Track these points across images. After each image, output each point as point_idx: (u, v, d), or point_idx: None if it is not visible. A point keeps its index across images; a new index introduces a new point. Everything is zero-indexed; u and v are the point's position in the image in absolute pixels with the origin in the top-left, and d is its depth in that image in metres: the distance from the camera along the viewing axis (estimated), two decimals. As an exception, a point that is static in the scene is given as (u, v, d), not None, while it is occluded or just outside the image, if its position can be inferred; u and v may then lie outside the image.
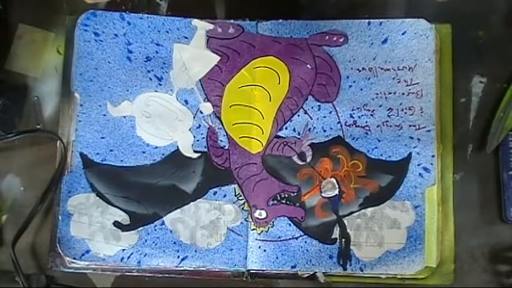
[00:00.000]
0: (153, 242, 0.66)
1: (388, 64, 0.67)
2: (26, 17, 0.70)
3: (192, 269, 0.66)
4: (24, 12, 0.71)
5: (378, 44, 0.67)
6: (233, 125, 0.67)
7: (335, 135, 0.66)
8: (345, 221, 0.65)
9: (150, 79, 0.68)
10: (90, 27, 0.68)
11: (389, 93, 0.67)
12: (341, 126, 0.66)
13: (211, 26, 0.68)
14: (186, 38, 0.68)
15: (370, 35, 0.67)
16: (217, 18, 0.70)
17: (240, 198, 0.66)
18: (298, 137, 0.67)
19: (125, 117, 0.68)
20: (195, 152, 0.67)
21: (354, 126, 0.66)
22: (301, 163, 0.66)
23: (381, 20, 0.67)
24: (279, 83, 0.67)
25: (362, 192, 0.65)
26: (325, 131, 0.67)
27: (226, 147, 0.67)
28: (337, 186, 0.65)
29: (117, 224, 0.66)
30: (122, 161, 0.67)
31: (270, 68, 0.67)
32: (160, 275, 0.66)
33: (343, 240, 0.65)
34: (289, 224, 0.65)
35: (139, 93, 0.68)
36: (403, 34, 0.67)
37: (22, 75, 0.70)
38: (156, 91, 0.68)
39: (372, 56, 0.67)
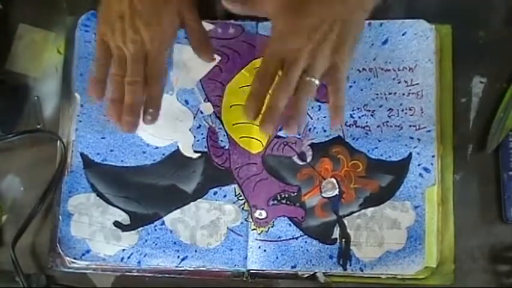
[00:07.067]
0: (153, 242, 0.66)
1: (389, 65, 0.67)
2: (26, 17, 0.71)
3: (192, 269, 0.66)
4: (25, 12, 0.71)
5: (378, 45, 0.67)
6: (233, 125, 0.67)
7: (335, 135, 0.66)
8: (345, 221, 0.65)
9: (151, 79, 0.68)
10: (91, 27, 0.68)
11: (390, 93, 0.67)
12: (341, 126, 0.66)
13: (211, 26, 0.69)
14: (186, 38, 0.68)
15: (371, 35, 0.67)
16: (217, 18, 0.70)
17: (240, 198, 0.66)
18: (299, 137, 0.67)
19: (125, 117, 0.68)
20: (195, 152, 0.67)
21: (354, 126, 0.66)
22: (301, 163, 0.66)
23: (381, 21, 0.67)
24: (279, 83, 0.67)
25: (362, 192, 0.65)
26: (325, 131, 0.67)
27: (227, 147, 0.67)
28: (337, 186, 0.65)
29: (117, 224, 0.66)
30: (122, 161, 0.67)
31: (270, 68, 0.67)
32: (160, 275, 0.66)
33: (343, 240, 0.65)
34: (289, 224, 0.65)
35: (139, 94, 0.68)
36: (403, 35, 0.67)
37: (22, 75, 0.70)
38: (156, 91, 0.68)
39: (372, 57, 0.67)
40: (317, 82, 0.56)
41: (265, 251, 0.65)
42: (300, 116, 0.57)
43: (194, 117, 0.68)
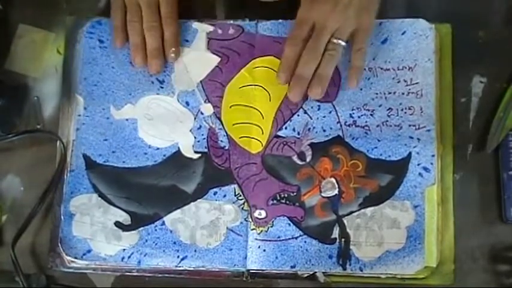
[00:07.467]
0: (154, 242, 0.66)
1: (388, 64, 0.67)
2: (26, 17, 0.71)
3: (192, 268, 0.66)
4: (24, 12, 0.71)
5: (378, 44, 0.67)
6: (233, 125, 0.68)
7: (335, 135, 0.66)
8: (345, 221, 0.65)
9: (152, 82, 0.68)
10: (95, 34, 0.69)
11: (389, 93, 0.67)
12: (341, 126, 0.66)
13: (211, 28, 0.69)
14: (187, 41, 0.69)
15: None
16: (217, 18, 0.70)
17: (239, 198, 0.66)
18: (298, 136, 0.67)
19: (127, 119, 0.68)
20: (196, 152, 0.67)
21: (353, 126, 0.66)
22: (301, 163, 0.66)
23: (381, 20, 0.67)
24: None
25: (362, 192, 0.65)
26: (324, 130, 0.67)
27: (227, 148, 0.67)
28: (336, 186, 0.65)
29: (118, 224, 0.66)
30: (124, 162, 0.67)
31: (270, 68, 0.67)
32: (160, 275, 0.66)
33: (343, 240, 0.65)
34: (289, 224, 0.65)
35: (142, 97, 0.68)
36: (402, 34, 0.67)
37: (22, 75, 0.70)
38: (157, 94, 0.68)
39: (372, 56, 0.67)
40: (343, 43, 0.63)
41: (264, 250, 0.65)
42: (325, 79, 0.62)
43: (195, 118, 0.68)
